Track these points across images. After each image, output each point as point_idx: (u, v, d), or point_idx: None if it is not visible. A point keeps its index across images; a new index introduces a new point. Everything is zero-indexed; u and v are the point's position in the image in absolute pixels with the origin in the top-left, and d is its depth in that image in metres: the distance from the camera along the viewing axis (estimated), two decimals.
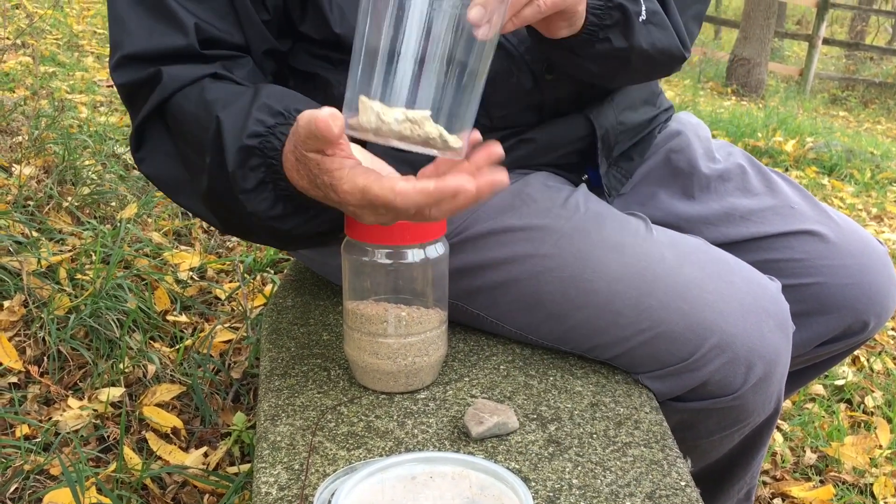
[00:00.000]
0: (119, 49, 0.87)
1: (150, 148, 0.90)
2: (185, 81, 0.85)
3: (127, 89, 0.89)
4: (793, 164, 4.62)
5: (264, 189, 0.79)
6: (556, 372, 0.98)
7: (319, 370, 0.97)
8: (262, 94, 0.81)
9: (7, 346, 1.46)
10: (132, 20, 0.87)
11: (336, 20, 0.91)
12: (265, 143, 0.78)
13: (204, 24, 0.88)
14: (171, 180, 0.89)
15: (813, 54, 9.66)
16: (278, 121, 0.78)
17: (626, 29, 0.89)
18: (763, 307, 0.91)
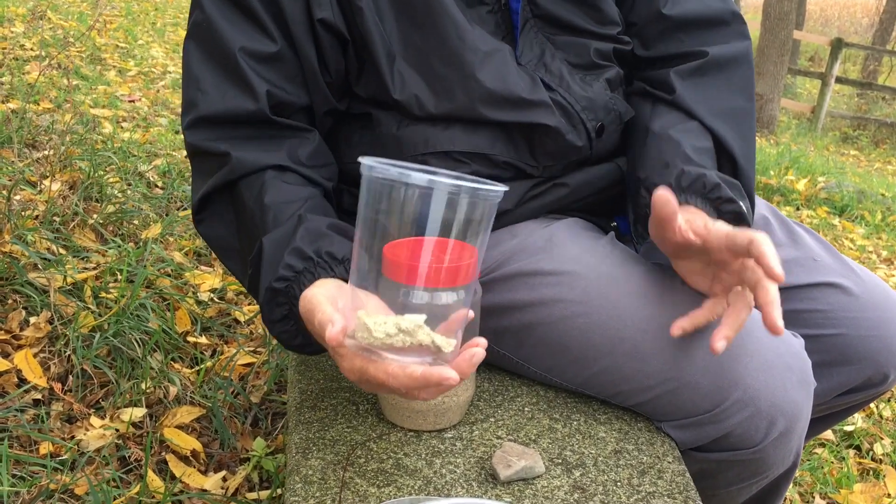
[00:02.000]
0: (194, 109, 0.94)
1: (211, 213, 0.96)
2: (250, 169, 0.92)
3: (198, 151, 0.95)
4: (804, 203, 4.64)
5: (287, 323, 0.86)
6: (579, 416, 1.00)
7: (348, 404, 0.99)
8: (299, 232, 0.86)
9: (32, 362, 1.48)
10: (208, 81, 0.93)
11: (396, 87, 0.96)
12: (289, 288, 0.84)
13: (274, 88, 0.93)
14: (226, 246, 0.96)
15: (825, 92, 9.72)
16: (306, 266, 0.83)
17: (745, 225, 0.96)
18: (787, 363, 0.93)
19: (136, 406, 1.46)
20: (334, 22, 0.95)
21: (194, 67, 0.95)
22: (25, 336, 1.56)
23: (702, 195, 0.95)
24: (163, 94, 4.13)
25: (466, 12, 0.98)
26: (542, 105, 0.99)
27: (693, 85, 1.08)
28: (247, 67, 0.92)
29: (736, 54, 1.10)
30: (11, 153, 2.32)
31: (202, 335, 1.77)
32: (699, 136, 1.04)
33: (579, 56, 1.05)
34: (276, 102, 0.94)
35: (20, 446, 1.32)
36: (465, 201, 0.70)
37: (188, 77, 0.95)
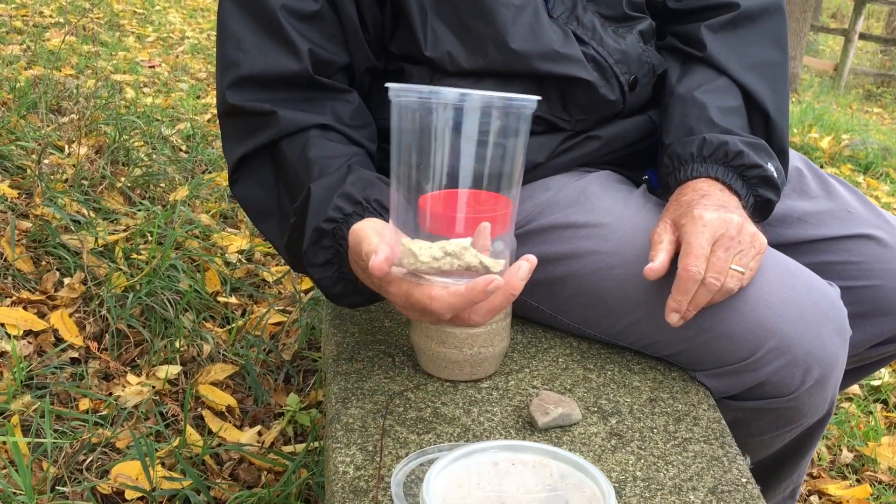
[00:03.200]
0: (235, 69, 0.93)
1: (248, 174, 0.96)
2: (296, 128, 0.92)
3: (238, 111, 0.94)
4: (828, 161, 4.59)
5: (330, 268, 0.87)
6: (613, 366, 1.01)
7: (384, 356, 1.01)
8: (350, 178, 0.86)
9: (68, 322, 1.51)
10: (249, 41, 0.93)
11: (429, 43, 0.96)
12: (338, 230, 0.84)
13: (315, 47, 0.93)
14: (259, 208, 0.96)
15: (849, 49, 9.55)
16: (355, 210, 0.84)
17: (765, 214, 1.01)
18: (823, 312, 0.93)
19: (171, 364, 1.49)
20: None
21: (233, 26, 0.94)
22: (60, 297, 1.58)
23: (724, 164, 0.96)
24: (182, 59, 4.13)
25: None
26: (575, 59, 0.99)
27: (724, 40, 1.07)
28: (288, 26, 0.92)
29: (768, 4, 1.09)
30: (37, 118, 2.33)
31: (232, 295, 1.79)
32: (727, 95, 1.04)
33: (612, 8, 1.04)
34: (317, 61, 0.94)
35: (60, 402, 1.35)
36: (498, 114, 0.69)
37: (227, 36, 0.95)
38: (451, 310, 0.71)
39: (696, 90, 1.05)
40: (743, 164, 0.96)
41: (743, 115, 1.04)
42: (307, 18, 0.94)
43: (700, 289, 0.88)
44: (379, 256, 0.70)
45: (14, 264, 1.61)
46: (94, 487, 1.17)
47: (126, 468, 1.18)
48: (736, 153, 0.96)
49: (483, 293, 0.68)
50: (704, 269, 0.88)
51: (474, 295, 0.69)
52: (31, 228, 1.72)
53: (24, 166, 1.97)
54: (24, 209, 1.80)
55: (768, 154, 0.99)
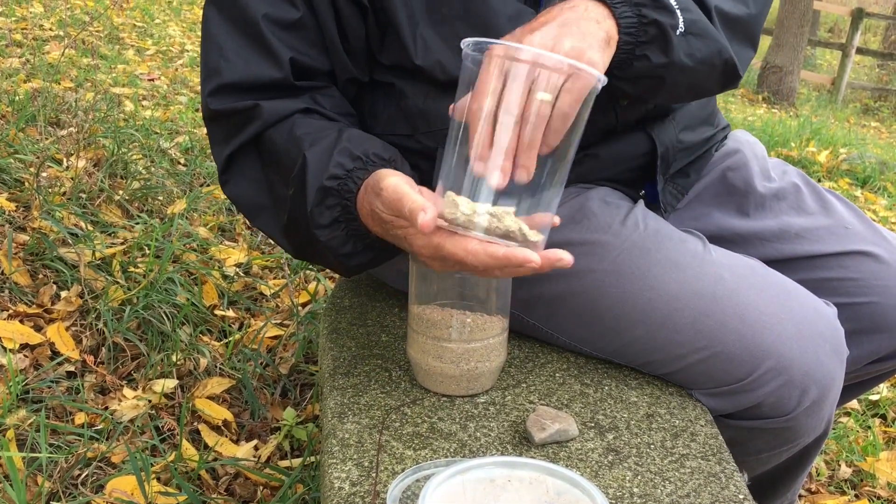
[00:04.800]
0: (217, 76, 0.93)
1: (236, 172, 0.96)
2: (280, 116, 0.92)
3: (221, 115, 0.95)
4: (826, 174, 4.60)
5: (337, 227, 0.87)
6: (610, 381, 1.00)
7: (381, 371, 1.00)
8: (344, 136, 0.87)
9: (65, 335, 1.50)
10: (230, 49, 0.93)
11: (418, 52, 0.95)
12: (343, 185, 0.84)
13: (297, 54, 0.94)
14: (253, 205, 0.96)
15: (846, 63, 9.59)
16: (357, 165, 0.85)
17: (664, 44, 0.85)
18: (820, 332, 0.93)
19: (168, 378, 1.49)
20: None
21: (216, 34, 0.95)
22: (57, 310, 1.58)
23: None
24: (181, 72, 4.14)
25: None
26: None
27: None
28: (270, 34, 0.92)
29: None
30: (36, 131, 2.34)
31: (229, 308, 1.79)
32: None
33: None
34: (299, 68, 0.94)
35: (56, 416, 1.34)
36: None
37: (210, 44, 0.95)
38: (483, 267, 0.74)
39: None
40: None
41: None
42: (289, 26, 0.94)
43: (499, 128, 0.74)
44: (428, 214, 0.72)
45: (11, 277, 1.61)
46: (89, 502, 1.16)
47: (121, 483, 1.17)
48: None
49: (516, 266, 0.73)
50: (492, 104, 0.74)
51: (508, 263, 0.73)
52: (29, 241, 1.72)
53: (22, 179, 1.97)
54: (22, 222, 1.80)
55: None
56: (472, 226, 0.73)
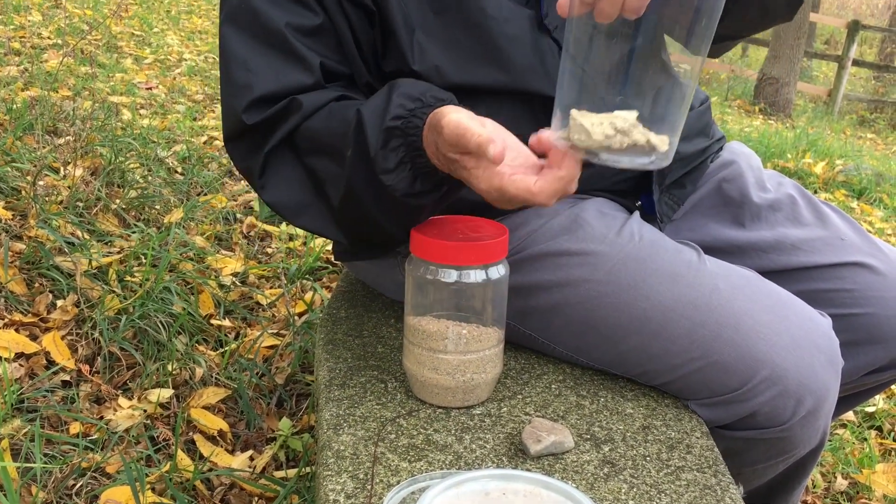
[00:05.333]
0: (248, 92, 0.93)
1: (273, 174, 0.95)
2: (317, 106, 0.92)
3: (254, 127, 0.93)
4: (822, 186, 4.62)
5: (404, 169, 0.85)
6: (606, 393, 1.00)
7: (377, 382, 1.00)
8: (398, 85, 0.86)
9: (60, 344, 1.50)
10: (257, 63, 0.93)
11: (415, 58, 0.96)
12: (407, 123, 0.83)
13: (325, 59, 0.94)
14: (294, 204, 0.95)
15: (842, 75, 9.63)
16: (417, 105, 0.84)
17: None
18: (815, 342, 0.93)
19: (163, 387, 1.48)
20: None
21: (240, 51, 0.94)
22: (53, 319, 1.58)
23: None
24: (179, 81, 4.14)
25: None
26: None
27: None
28: (296, 42, 0.93)
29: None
30: (33, 140, 2.34)
31: (225, 318, 1.78)
32: None
33: None
34: (327, 72, 0.95)
35: (51, 426, 1.34)
36: None
37: (233, 61, 0.95)
38: (553, 196, 0.75)
39: None
40: None
41: None
42: (312, 32, 0.95)
43: None
44: (498, 144, 0.72)
45: (7, 286, 1.60)
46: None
47: (116, 493, 1.17)
48: None
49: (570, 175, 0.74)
50: None
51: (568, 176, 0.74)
52: (25, 250, 1.72)
53: (19, 188, 1.97)
54: (19, 231, 1.79)
55: None
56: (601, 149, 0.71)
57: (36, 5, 5.07)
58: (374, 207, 0.89)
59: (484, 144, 0.73)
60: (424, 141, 0.82)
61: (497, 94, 0.98)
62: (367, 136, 0.84)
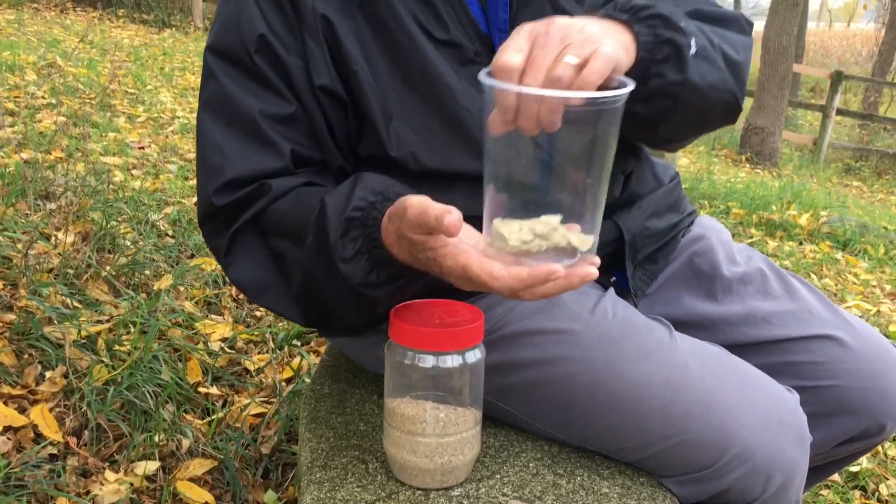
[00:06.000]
0: (220, 175, 0.97)
1: (239, 254, 0.99)
2: (285, 189, 0.96)
3: (224, 208, 0.98)
4: (807, 237, 4.67)
5: (361, 259, 0.88)
6: (583, 472, 1.02)
7: (358, 462, 1.02)
8: (362, 178, 0.90)
9: (48, 417, 1.51)
10: (231, 148, 0.98)
11: (392, 145, 1.00)
12: (367, 215, 0.87)
13: (297, 146, 0.99)
14: (256, 283, 0.98)
15: (827, 124, 9.79)
16: (378, 198, 0.87)
17: (679, 62, 0.89)
18: (782, 420, 0.96)
19: (150, 459, 1.49)
20: (333, 87, 1.00)
21: (215, 136, 0.99)
22: (41, 391, 1.59)
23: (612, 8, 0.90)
24: (171, 139, 4.20)
25: (459, 71, 1.02)
26: None
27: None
28: (269, 129, 0.97)
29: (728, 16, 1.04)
30: (25, 205, 2.37)
31: (213, 385, 1.80)
32: None
33: None
34: (299, 158, 0.99)
35: (38, 502, 1.34)
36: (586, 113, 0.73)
37: (209, 146, 0.99)
38: (509, 290, 0.75)
39: None
40: (633, 6, 0.89)
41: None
42: (285, 120, 0.99)
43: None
44: (453, 215, 0.74)
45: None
46: None
47: None
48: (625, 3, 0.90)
49: (543, 281, 0.73)
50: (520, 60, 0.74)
51: (535, 281, 0.74)
52: (15, 321, 1.74)
53: (10, 257, 2.00)
54: (9, 301, 1.82)
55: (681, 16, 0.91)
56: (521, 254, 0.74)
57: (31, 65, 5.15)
58: (331, 294, 0.92)
59: (441, 216, 0.75)
60: (383, 233, 0.86)
61: (472, 183, 1.02)
62: (328, 224, 0.88)
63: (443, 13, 1.01)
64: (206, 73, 1.02)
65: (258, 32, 0.98)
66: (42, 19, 8.48)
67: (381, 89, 1.01)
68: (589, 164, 0.76)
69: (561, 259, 0.75)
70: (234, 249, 0.99)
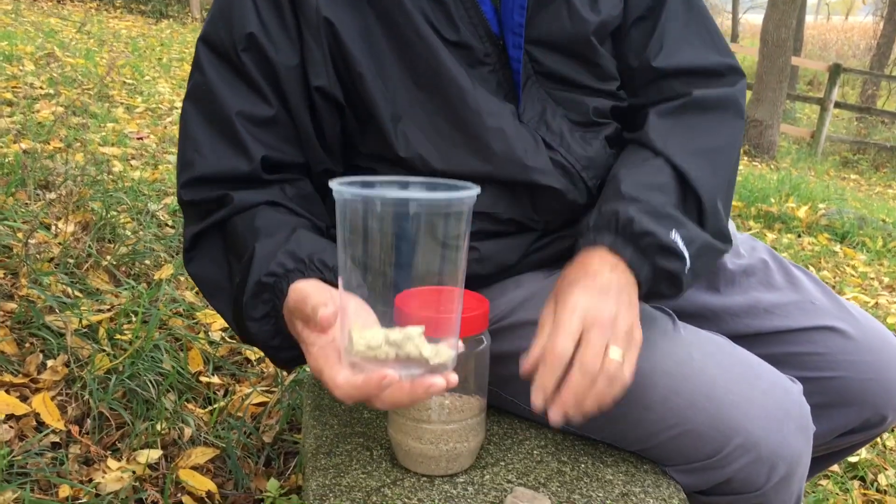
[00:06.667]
0: (190, 169, 0.98)
1: (201, 252, 1.00)
2: (248, 205, 0.96)
3: (193, 203, 0.99)
4: (805, 230, 4.68)
5: (268, 322, 0.90)
6: (587, 459, 1.03)
7: (363, 449, 1.03)
8: (294, 238, 0.90)
9: (50, 405, 1.51)
10: (204, 143, 0.97)
11: (401, 146, 1.00)
12: (277, 283, 0.87)
13: (270, 151, 0.98)
14: (211, 284, 0.99)
15: (825, 117, 9.79)
16: (298, 266, 0.87)
17: (675, 284, 0.96)
18: (786, 410, 0.96)
19: (152, 447, 1.49)
20: (330, 90, 0.99)
21: (192, 129, 0.99)
22: (43, 379, 1.59)
23: (614, 231, 0.94)
24: (170, 130, 4.19)
25: (469, 72, 1.01)
26: (544, 168, 1.02)
27: (668, 123, 1.05)
28: (243, 131, 0.96)
29: (722, 97, 1.08)
30: (25, 195, 2.37)
31: (214, 374, 1.80)
32: (655, 172, 1.01)
33: (579, 113, 1.07)
34: (272, 163, 0.98)
35: (40, 490, 1.34)
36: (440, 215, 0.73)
37: (186, 137, 0.99)
38: (352, 398, 0.75)
39: (620, 168, 1.03)
40: (634, 232, 0.92)
41: (669, 193, 0.99)
42: (262, 123, 0.98)
43: (574, 373, 0.85)
44: (328, 309, 0.74)
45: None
46: None
47: None
48: (627, 220, 0.93)
49: (377, 388, 0.72)
50: (572, 348, 0.85)
51: (370, 389, 0.72)
52: (16, 310, 1.73)
53: (10, 246, 1.99)
54: (10, 290, 1.81)
55: (674, 222, 0.95)
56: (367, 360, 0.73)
57: (29, 55, 5.13)
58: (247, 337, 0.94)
59: (317, 307, 0.76)
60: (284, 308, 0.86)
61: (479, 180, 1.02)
62: (249, 276, 0.89)
63: (453, 13, 0.99)
64: (195, 62, 1.02)
65: (248, 31, 0.97)
66: (39, 9, 8.45)
67: (389, 89, 1.00)
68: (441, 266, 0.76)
69: (414, 369, 0.73)
70: (197, 246, 1.00)
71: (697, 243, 0.96)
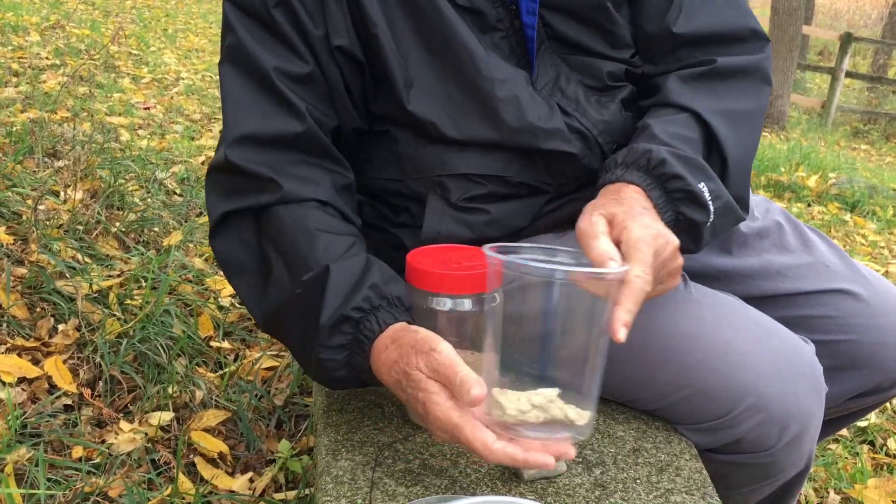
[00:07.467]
0: (238, 127, 0.95)
1: (230, 230, 0.97)
2: (295, 198, 0.94)
3: (236, 170, 0.95)
4: (815, 199, 4.66)
5: (341, 352, 0.88)
6: (599, 416, 1.03)
7: (374, 406, 1.03)
8: (374, 271, 0.89)
9: (62, 369, 1.52)
10: (249, 102, 0.96)
11: (414, 110, 0.99)
12: (365, 320, 0.86)
13: (312, 108, 0.96)
14: (236, 264, 0.97)
15: (835, 87, 9.70)
16: (383, 304, 0.87)
17: (696, 236, 0.94)
18: (798, 370, 0.95)
19: (164, 410, 1.50)
20: (351, 49, 0.98)
21: (234, 89, 0.97)
22: (54, 343, 1.60)
23: (644, 170, 0.92)
24: (176, 100, 4.18)
25: (481, 38, 0.99)
26: (559, 132, 1.00)
27: (692, 87, 1.03)
28: (284, 87, 0.95)
29: (747, 64, 1.06)
30: (33, 163, 2.36)
31: (224, 340, 1.81)
32: (683, 126, 0.98)
33: (594, 78, 1.05)
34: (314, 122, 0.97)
35: (53, 450, 1.36)
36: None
37: (229, 98, 0.97)
38: (497, 462, 0.77)
39: (649, 119, 1.01)
40: (664, 174, 0.90)
41: (697, 147, 0.97)
42: (300, 80, 0.97)
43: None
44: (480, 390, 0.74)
45: (9, 311, 1.63)
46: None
47: None
48: (659, 161, 0.91)
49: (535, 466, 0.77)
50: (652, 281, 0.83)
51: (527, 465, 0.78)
52: (27, 275, 1.74)
53: (20, 212, 2.00)
54: (20, 255, 1.82)
55: (704, 174, 0.93)
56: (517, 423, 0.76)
57: (34, 25, 5.11)
58: (294, 346, 0.94)
59: (467, 383, 0.75)
60: (375, 349, 0.85)
61: (491, 147, 1.00)
62: (325, 300, 0.87)
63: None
64: (224, 24, 1.00)
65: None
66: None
67: (402, 53, 0.98)
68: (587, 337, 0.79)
69: (556, 431, 0.77)
70: (227, 223, 0.98)
71: (723, 199, 0.94)
